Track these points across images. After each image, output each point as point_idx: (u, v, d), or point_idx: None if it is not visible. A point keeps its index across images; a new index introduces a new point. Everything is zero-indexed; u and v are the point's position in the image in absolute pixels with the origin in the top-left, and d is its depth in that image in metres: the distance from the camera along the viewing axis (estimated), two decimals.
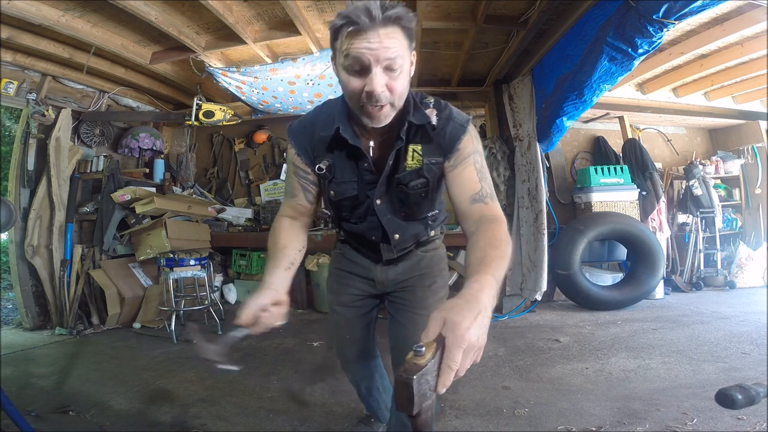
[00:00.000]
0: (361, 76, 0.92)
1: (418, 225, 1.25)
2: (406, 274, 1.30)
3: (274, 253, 1.10)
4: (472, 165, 1.05)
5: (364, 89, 0.92)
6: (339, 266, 1.39)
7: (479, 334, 0.62)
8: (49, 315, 3.56)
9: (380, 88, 0.91)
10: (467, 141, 1.06)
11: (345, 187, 1.14)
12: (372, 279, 1.32)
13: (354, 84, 0.93)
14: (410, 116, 1.04)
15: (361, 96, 0.94)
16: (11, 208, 1.82)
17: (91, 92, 3.99)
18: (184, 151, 5.04)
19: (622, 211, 4.25)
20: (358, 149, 1.08)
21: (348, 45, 0.89)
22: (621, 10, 2.31)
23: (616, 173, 4.36)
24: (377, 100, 0.93)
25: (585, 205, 4.41)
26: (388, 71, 0.92)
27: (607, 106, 4.37)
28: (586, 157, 5.02)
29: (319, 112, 1.15)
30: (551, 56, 3.24)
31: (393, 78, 0.93)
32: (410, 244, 1.28)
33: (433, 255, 1.33)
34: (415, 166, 1.09)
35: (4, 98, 3.37)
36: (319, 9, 2.83)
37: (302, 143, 1.14)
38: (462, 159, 1.05)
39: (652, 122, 5.11)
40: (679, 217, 4.89)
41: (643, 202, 4.45)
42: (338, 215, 1.25)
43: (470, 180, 1.04)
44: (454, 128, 1.06)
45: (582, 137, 5.09)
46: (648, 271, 3.87)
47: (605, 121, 5.04)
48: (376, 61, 0.89)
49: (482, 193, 1.02)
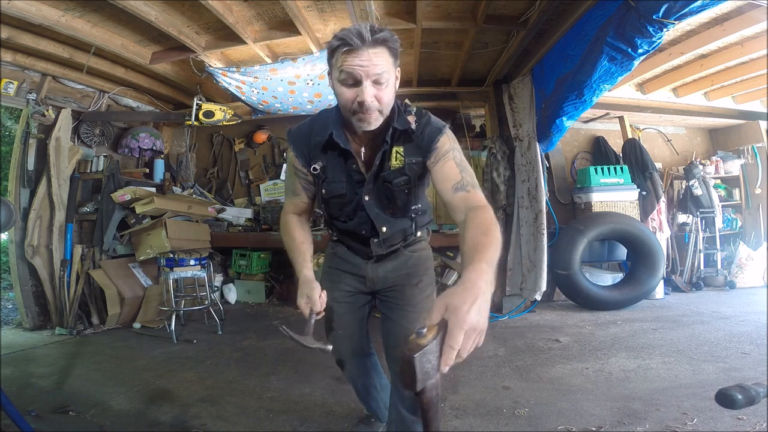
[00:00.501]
0: (354, 88, 1.09)
1: (404, 221, 1.36)
2: (395, 272, 1.41)
3: (296, 249, 1.30)
4: (451, 159, 1.18)
5: (356, 99, 1.09)
6: (331, 264, 1.50)
7: (479, 318, 0.66)
8: (49, 315, 3.56)
9: (370, 98, 1.08)
10: (444, 140, 1.20)
11: (335, 186, 1.29)
12: (363, 276, 1.43)
13: (348, 95, 1.10)
14: (395, 122, 1.20)
15: (353, 105, 1.11)
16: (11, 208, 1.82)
17: (91, 92, 3.99)
18: (184, 151, 5.04)
19: (622, 211, 4.25)
20: (348, 152, 1.24)
21: (343, 62, 1.06)
22: (621, 10, 2.31)
23: (616, 173, 4.36)
24: (367, 108, 1.10)
25: (585, 205, 4.41)
26: (376, 84, 1.09)
27: (607, 106, 4.37)
28: (586, 157, 5.02)
29: (314, 120, 1.31)
30: (551, 56, 3.24)
31: (380, 90, 1.10)
32: (398, 241, 1.39)
33: (419, 255, 1.44)
34: (398, 165, 1.25)
35: (4, 98, 3.37)
36: (319, 9, 2.83)
37: (300, 147, 1.31)
38: (441, 155, 1.19)
39: (652, 122, 5.11)
40: (679, 217, 4.89)
41: (643, 202, 4.45)
42: (330, 213, 1.40)
43: (451, 172, 1.16)
44: (431, 131, 1.22)
45: (582, 137, 5.10)
46: (648, 271, 3.87)
47: (605, 121, 5.04)
48: (366, 76, 1.07)
49: (463, 182, 1.13)
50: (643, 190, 4.45)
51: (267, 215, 4.69)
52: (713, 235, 4.71)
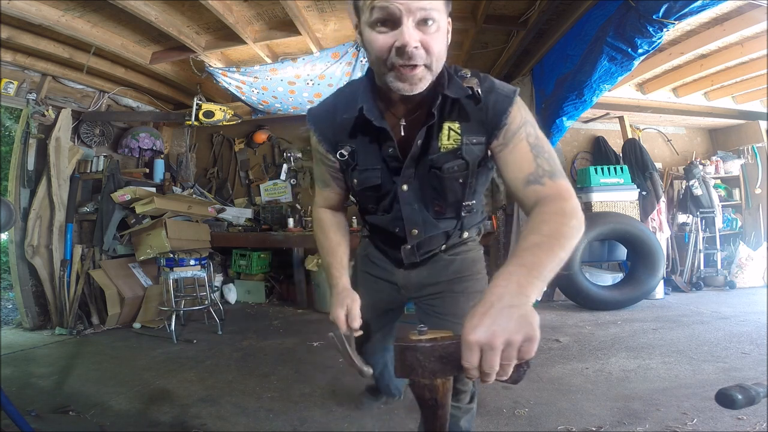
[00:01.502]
0: (391, 31, 0.79)
1: (449, 221, 1.08)
2: (432, 279, 1.17)
3: (331, 252, 1.11)
4: (524, 140, 0.89)
5: (394, 45, 0.79)
6: (364, 269, 1.30)
7: (494, 330, 0.56)
8: (49, 315, 3.56)
9: (413, 41, 0.77)
10: (515, 113, 0.90)
11: (368, 174, 1.01)
12: (395, 283, 1.22)
13: (382, 41, 0.79)
14: (445, 89, 0.89)
15: (391, 53, 0.79)
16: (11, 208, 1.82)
17: (91, 92, 3.99)
18: (184, 151, 5.04)
19: (622, 211, 4.24)
20: (384, 131, 0.94)
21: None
22: (621, 10, 2.31)
23: (616, 173, 4.36)
24: (410, 57, 0.78)
25: (585, 205, 4.40)
26: (423, 25, 0.78)
27: (607, 106, 4.37)
28: (586, 157, 5.02)
29: (340, 93, 1.04)
30: (551, 56, 3.24)
31: (428, 33, 0.79)
32: (436, 247, 1.14)
33: (464, 258, 1.17)
34: (452, 146, 0.94)
35: (4, 98, 3.37)
36: (319, 9, 2.83)
37: (323, 129, 1.03)
38: (512, 135, 0.90)
39: (652, 122, 5.11)
40: (679, 217, 4.89)
41: (643, 202, 4.44)
42: (363, 207, 1.14)
43: (524, 159, 0.88)
44: (498, 100, 0.90)
45: (582, 137, 5.09)
46: (648, 271, 3.87)
47: (605, 121, 5.04)
48: (408, 12, 0.76)
49: (538, 173, 0.85)
50: (643, 190, 4.45)
51: (267, 215, 4.69)
52: (713, 235, 4.71)
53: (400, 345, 0.62)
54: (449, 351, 0.61)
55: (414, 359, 0.61)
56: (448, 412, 0.67)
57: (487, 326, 0.57)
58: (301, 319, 3.82)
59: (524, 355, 0.57)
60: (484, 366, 0.57)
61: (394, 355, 0.63)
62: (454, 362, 0.60)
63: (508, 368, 0.58)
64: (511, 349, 0.57)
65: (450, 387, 0.65)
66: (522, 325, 0.57)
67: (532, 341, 0.57)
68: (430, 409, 0.65)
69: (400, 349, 0.62)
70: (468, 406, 1.22)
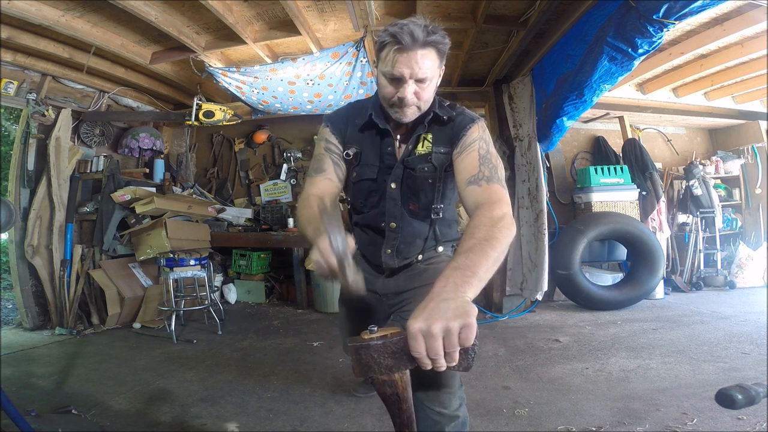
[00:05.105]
0: (397, 84, 1.11)
1: (423, 225, 1.29)
2: (408, 285, 1.31)
3: (315, 220, 0.99)
4: (476, 151, 1.14)
5: (397, 95, 1.12)
6: None
7: (433, 318, 0.64)
8: (49, 315, 3.56)
9: (410, 95, 1.11)
10: (474, 130, 1.18)
11: (367, 169, 1.26)
12: (376, 291, 1.35)
13: (389, 89, 1.13)
14: (436, 108, 1.20)
15: (393, 98, 1.13)
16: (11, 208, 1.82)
17: (91, 92, 3.98)
18: (184, 151, 5.04)
19: (622, 211, 4.25)
20: (387, 131, 1.23)
21: (390, 58, 1.08)
22: (621, 10, 2.31)
23: (616, 173, 4.36)
24: (406, 104, 1.12)
25: (585, 205, 4.41)
26: (419, 83, 1.11)
27: (607, 106, 4.37)
28: (586, 157, 5.02)
29: (352, 106, 1.34)
30: (551, 56, 3.24)
31: (422, 88, 1.12)
32: (413, 254, 1.31)
33: (437, 267, 1.29)
34: (424, 152, 1.22)
35: (4, 98, 3.36)
36: (319, 9, 2.83)
37: (338, 124, 1.29)
38: (467, 145, 1.16)
39: (652, 122, 5.11)
40: (679, 217, 4.89)
41: (643, 202, 4.45)
42: (354, 204, 1.34)
43: (471, 164, 1.12)
44: (463, 120, 1.20)
45: (582, 137, 5.09)
46: (648, 271, 3.87)
47: (605, 121, 5.04)
48: (410, 76, 1.09)
49: (478, 176, 1.08)
50: (643, 190, 4.45)
51: (267, 215, 4.69)
52: (713, 235, 4.71)
53: (354, 345, 0.65)
54: (400, 346, 0.66)
55: (369, 357, 0.65)
56: (412, 406, 0.71)
57: (426, 316, 0.65)
58: (301, 319, 3.82)
59: (464, 342, 0.64)
60: (429, 353, 0.63)
61: (350, 356, 0.67)
62: (406, 355, 0.65)
63: (455, 354, 0.65)
64: (451, 335, 0.64)
65: (408, 381, 0.69)
66: (458, 313, 0.65)
67: (469, 328, 0.64)
68: (393, 404, 0.69)
69: (354, 349, 0.65)
70: (455, 413, 1.15)
